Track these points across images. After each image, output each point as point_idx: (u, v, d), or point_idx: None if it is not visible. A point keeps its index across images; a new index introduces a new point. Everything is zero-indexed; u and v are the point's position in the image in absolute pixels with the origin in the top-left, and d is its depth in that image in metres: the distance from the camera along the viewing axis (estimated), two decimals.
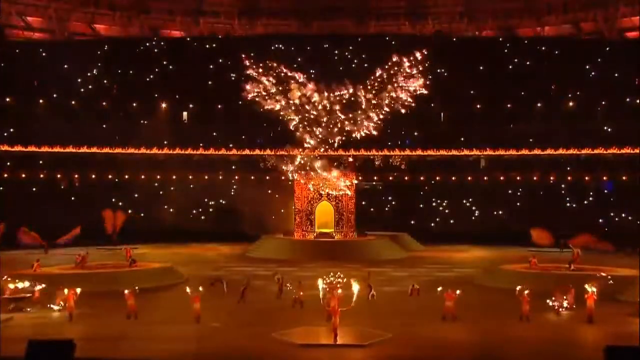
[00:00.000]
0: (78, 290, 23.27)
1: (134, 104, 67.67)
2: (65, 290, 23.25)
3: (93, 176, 64.55)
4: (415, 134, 67.62)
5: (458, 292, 23.15)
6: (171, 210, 61.96)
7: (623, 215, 58.93)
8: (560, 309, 23.99)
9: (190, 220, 60.79)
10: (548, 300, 24.12)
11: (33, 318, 23.09)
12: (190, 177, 65.23)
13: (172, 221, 59.45)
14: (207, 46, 65.61)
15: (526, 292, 22.87)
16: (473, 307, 24.42)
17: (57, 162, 64.45)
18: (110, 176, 64.65)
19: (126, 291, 23.13)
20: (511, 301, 23.65)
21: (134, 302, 22.89)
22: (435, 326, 21.98)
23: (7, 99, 65.02)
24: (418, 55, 41.26)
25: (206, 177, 64.10)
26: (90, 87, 68.51)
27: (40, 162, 64.04)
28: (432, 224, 57.85)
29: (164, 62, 72.64)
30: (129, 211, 59.85)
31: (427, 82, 42.19)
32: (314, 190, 43.82)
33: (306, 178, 43.35)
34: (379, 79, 42.03)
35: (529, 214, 60.65)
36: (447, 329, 21.70)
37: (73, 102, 66.63)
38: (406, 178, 65.54)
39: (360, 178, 54.58)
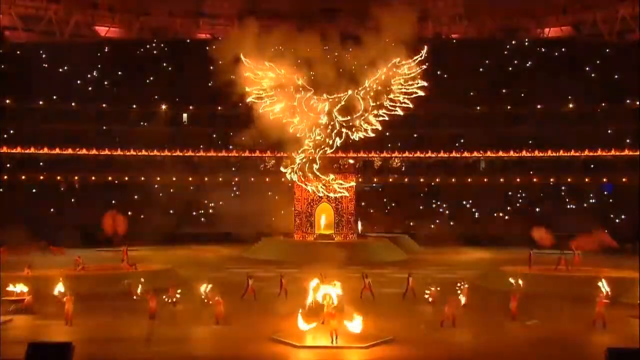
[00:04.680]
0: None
1: (134, 106, 67.71)
2: (57, 291, 23.17)
3: (93, 178, 64.58)
4: (415, 135, 67.73)
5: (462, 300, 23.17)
6: (171, 211, 61.92)
7: (623, 217, 58.95)
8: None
9: (189, 222, 60.75)
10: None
11: (33, 320, 23.06)
12: (190, 178, 65.26)
13: (171, 223, 59.38)
14: (207, 48, 65.61)
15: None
16: (473, 309, 24.41)
17: (57, 164, 64.49)
18: (109, 178, 64.68)
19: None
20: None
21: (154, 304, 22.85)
22: (436, 327, 21.93)
23: (7, 101, 65.05)
24: (418, 56, 41.11)
25: (206, 179, 64.13)
26: (90, 88, 68.58)
27: (41, 163, 64.06)
28: (432, 226, 57.80)
29: (164, 64, 72.73)
30: (129, 213, 59.77)
31: (427, 84, 42.06)
32: (314, 192, 43.75)
33: (305, 180, 43.27)
34: (377, 81, 41.90)
35: (529, 216, 60.72)
36: (447, 331, 21.66)
37: (73, 104, 66.67)
38: (406, 180, 65.69)
39: (360, 180, 54.60)
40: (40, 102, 66.01)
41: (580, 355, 19.79)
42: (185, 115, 69.76)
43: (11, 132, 64.50)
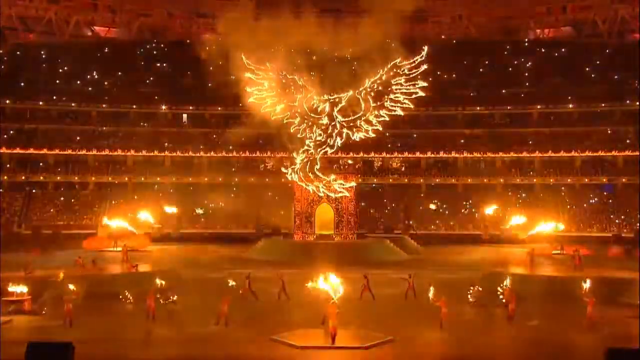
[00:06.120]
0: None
1: (134, 106, 67.68)
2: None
3: (93, 178, 64.58)
4: (415, 135, 67.74)
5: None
6: (171, 212, 61.86)
7: (622, 217, 58.98)
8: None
9: (190, 222, 60.72)
10: None
11: (32, 320, 23.06)
12: (190, 178, 65.24)
13: (171, 223, 59.33)
14: (207, 47, 65.75)
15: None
16: (472, 309, 24.44)
17: (57, 164, 64.49)
18: (110, 178, 64.67)
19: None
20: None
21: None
22: (436, 328, 21.92)
23: (7, 101, 65.06)
24: (418, 57, 41.09)
25: (206, 179, 64.12)
26: (90, 88, 68.57)
27: (41, 164, 64.06)
28: (432, 226, 57.83)
29: (164, 64, 72.74)
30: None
31: (427, 85, 42.04)
32: (314, 192, 43.74)
33: (306, 180, 43.24)
34: (378, 81, 41.88)
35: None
36: (447, 331, 21.66)
37: (73, 104, 66.65)
38: (406, 180, 65.72)
39: (360, 180, 54.55)
40: (40, 102, 66.02)
41: (579, 355, 19.80)
42: (185, 116, 69.76)
43: (11, 132, 64.50)
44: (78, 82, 68.89)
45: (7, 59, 68.61)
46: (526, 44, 74.39)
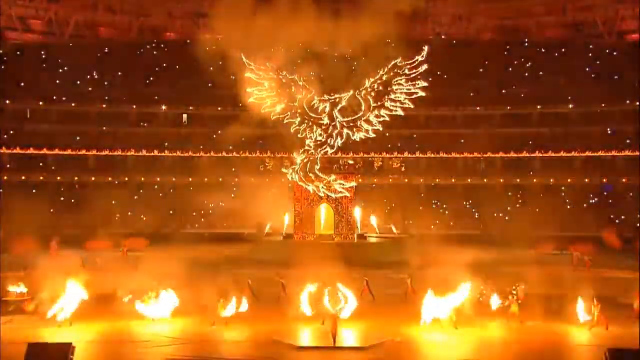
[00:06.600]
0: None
1: (134, 106, 67.65)
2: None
3: (93, 178, 64.56)
4: (415, 135, 67.71)
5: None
6: (171, 212, 61.91)
7: (623, 217, 58.95)
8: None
9: (190, 222, 60.70)
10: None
11: (32, 320, 23.05)
12: (190, 178, 65.22)
13: (171, 223, 59.39)
14: (207, 48, 65.95)
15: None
16: (473, 310, 24.43)
17: (57, 164, 64.45)
18: (109, 178, 64.66)
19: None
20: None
21: None
22: (436, 328, 21.95)
23: (7, 101, 65.04)
24: (418, 57, 41.12)
25: (206, 180, 64.08)
26: (90, 89, 68.54)
27: (40, 164, 64.03)
28: (432, 226, 57.74)
29: (164, 64, 72.70)
30: (129, 214, 59.88)
31: (427, 84, 42.04)
32: (314, 192, 43.78)
33: (306, 180, 43.27)
34: (378, 81, 41.93)
35: (528, 216, 60.74)
36: (448, 331, 21.67)
37: (73, 104, 66.62)
38: (406, 180, 65.72)
39: (360, 180, 54.60)
40: (40, 102, 66.00)
41: (580, 355, 19.81)
42: (185, 116, 69.75)
43: (11, 132, 64.48)
44: (78, 82, 68.83)
45: (7, 59, 68.55)
46: (526, 44, 74.35)
